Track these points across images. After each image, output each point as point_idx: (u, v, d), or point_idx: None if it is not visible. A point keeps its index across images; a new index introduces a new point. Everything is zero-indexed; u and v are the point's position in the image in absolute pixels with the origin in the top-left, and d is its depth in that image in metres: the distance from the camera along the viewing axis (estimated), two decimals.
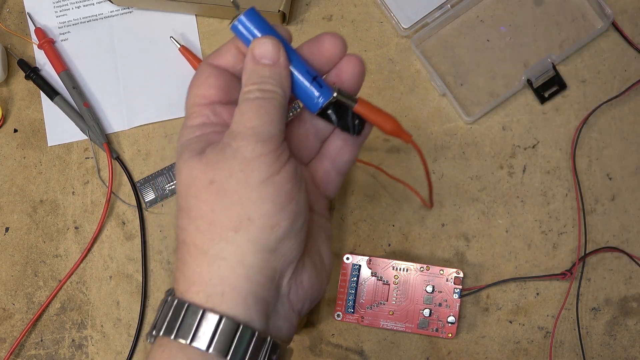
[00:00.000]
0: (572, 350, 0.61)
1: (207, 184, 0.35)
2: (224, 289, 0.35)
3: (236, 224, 0.35)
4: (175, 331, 0.35)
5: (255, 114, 0.36)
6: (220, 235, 0.35)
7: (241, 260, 0.35)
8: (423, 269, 0.61)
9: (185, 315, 0.35)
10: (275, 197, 0.35)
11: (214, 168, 0.36)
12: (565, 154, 0.63)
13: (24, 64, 0.67)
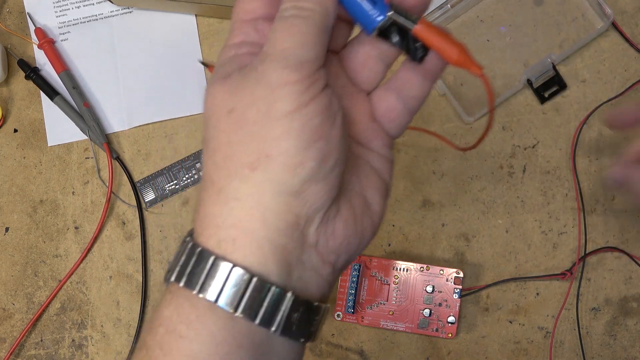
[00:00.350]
0: (572, 350, 0.61)
1: (227, 113, 0.31)
2: (236, 233, 0.31)
3: (254, 161, 0.31)
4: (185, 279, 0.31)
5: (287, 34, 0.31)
6: (235, 171, 0.31)
7: (258, 202, 0.31)
8: (423, 269, 0.61)
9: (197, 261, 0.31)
10: (301, 132, 0.30)
11: (235, 94, 0.31)
12: (565, 154, 0.63)
13: (24, 64, 0.67)
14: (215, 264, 0.31)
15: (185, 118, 0.66)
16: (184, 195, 0.65)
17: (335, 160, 0.31)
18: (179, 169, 0.66)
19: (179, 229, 0.65)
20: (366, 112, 0.36)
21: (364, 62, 0.36)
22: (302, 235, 0.32)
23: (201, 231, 0.32)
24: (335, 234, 0.33)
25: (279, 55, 0.31)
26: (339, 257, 0.33)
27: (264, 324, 0.31)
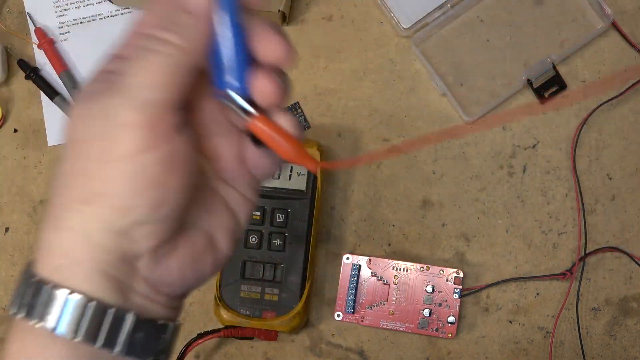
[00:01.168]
0: (572, 350, 0.61)
1: (71, 141, 0.30)
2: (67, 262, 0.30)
3: (87, 197, 0.30)
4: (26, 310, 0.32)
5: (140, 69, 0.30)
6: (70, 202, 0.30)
7: (87, 236, 0.30)
8: (423, 269, 0.61)
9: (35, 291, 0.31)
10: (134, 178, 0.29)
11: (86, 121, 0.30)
12: (565, 154, 0.63)
13: (24, 64, 0.67)
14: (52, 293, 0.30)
15: None
16: None
17: (169, 208, 0.30)
18: None
19: None
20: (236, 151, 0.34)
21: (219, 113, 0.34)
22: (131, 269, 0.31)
23: (39, 258, 0.32)
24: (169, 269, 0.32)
25: (127, 92, 0.29)
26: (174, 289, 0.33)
27: (106, 346, 0.30)
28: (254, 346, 0.62)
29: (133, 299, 0.31)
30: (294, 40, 0.66)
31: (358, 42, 0.66)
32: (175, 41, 0.30)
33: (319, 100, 0.65)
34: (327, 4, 0.67)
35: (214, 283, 0.63)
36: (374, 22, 0.66)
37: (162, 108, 0.29)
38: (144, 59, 0.30)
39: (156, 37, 0.31)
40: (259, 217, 0.60)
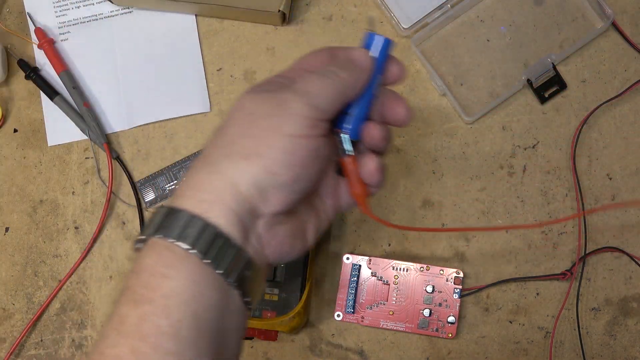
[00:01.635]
0: (572, 350, 0.61)
1: (248, 114, 0.40)
2: (214, 198, 0.38)
3: (247, 154, 0.38)
4: (165, 231, 0.37)
5: (318, 83, 0.40)
6: (230, 154, 0.39)
7: (235, 183, 0.38)
8: (423, 269, 0.61)
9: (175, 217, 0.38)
10: (291, 153, 0.39)
11: (260, 104, 0.40)
12: (565, 154, 0.63)
13: (24, 64, 0.67)
14: (192, 219, 0.37)
15: (185, 118, 0.66)
16: None
17: (301, 187, 0.40)
18: (179, 169, 0.66)
19: None
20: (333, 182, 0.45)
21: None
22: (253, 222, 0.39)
23: (182, 192, 0.39)
24: (275, 237, 0.40)
25: (304, 93, 0.40)
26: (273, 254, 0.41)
27: (224, 274, 0.37)
28: (254, 346, 0.62)
29: (247, 246, 0.39)
30: (294, 40, 0.66)
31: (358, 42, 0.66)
32: (345, 77, 0.42)
33: None
34: (327, 4, 0.67)
35: None
36: (374, 22, 0.66)
37: (321, 114, 0.40)
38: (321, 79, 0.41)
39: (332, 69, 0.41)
40: None
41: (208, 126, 0.66)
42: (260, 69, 0.66)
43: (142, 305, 0.36)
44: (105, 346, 0.36)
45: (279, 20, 0.65)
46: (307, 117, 0.39)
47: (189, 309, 0.36)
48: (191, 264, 0.37)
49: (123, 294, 0.37)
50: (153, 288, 0.36)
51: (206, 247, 0.37)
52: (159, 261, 0.37)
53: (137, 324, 0.35)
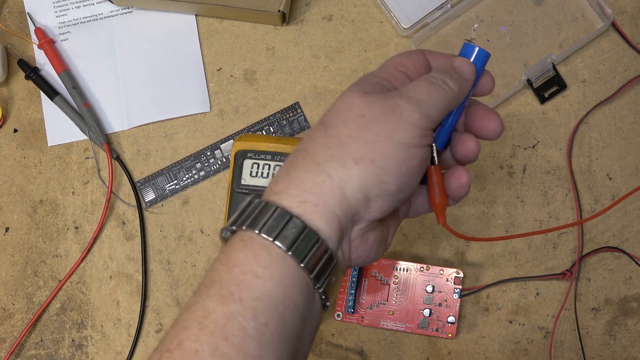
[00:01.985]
0: (572, 350, 0.61)
1: (358, 116, 0.39)
2: (318, 201, 0.37)
3: (358, 158, 0.38)
4: (261, 227, 0.37)
5: (429, 92, 0.40)
6: (340, 157, 0.38)
7: (342, 187, 0.38)
8: (423, 269, 0.61)
9: (274, 214, 0.37)
10: (402, 162, 0.38)
11: (371, 107, 0.39)
12: (565, 154, 0.63)
13: (24, 64, 0.67)
14: (292, 220, 0.37)
15: (185, 118, 0.66)
16: (184, 195, 0.65)
17: (403, 196, 0.40)
18: (179, 169, 0.66)
19: (179, 229, 0.65)
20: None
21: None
22: (350, 229, 0.39)
23: (284, 189, 0.38)
24: (367, 242, 0.40)
25: (418, 102, 0.39)
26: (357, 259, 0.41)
27: (314, 278, 0.37)
28: None
29: (338, 251, 0.39)
30: (294, 40, 0.66)
31: (358, 42, 0.66)
32: (453, 87, 0.41)
33: (319, 100, 0.65)
34: (327, 4, 0.67)
35: None
36: (374, 22, 0.66)
37: (432, 123, 0.40)
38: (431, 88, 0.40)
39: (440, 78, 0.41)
40: None
41: (208, 126, 0.66)
42: (260, 69, 0.66)
43: (230, 303, 0.35)
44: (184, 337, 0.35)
45: (279, 20, 0.65)
46: (420, 126, 0.39)
47: (276, 312, 0.36)
48: (285, 267, 0.36)
49: (209, 285, 0.37)
50: (244, 287, 0.36)
51: (304, 252, 0.37)
52: (254, 259, 0.36)
53: (222, 323, 0.35)
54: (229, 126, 0.66)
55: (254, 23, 0.67)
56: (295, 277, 0.37)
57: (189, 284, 0.64)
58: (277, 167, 0.60)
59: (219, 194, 0.65)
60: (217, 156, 0.66)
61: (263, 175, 0.60)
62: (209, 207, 0.65)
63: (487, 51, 0.44)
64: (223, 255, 0.37)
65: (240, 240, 0.37)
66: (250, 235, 0.37)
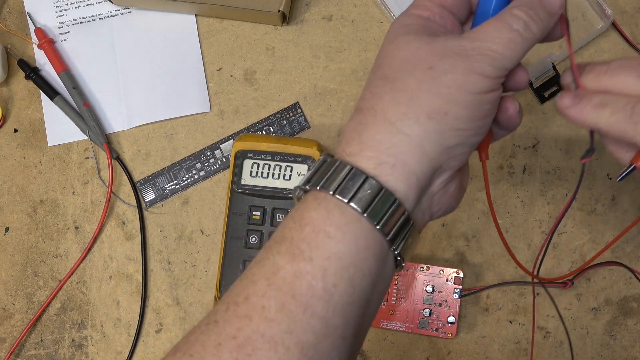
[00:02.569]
0: (572, 350, 0.61)
1: (426, 67, 0.37)
2: (396, 161, 0.36)
3: (433, 112, 0.37)
4: (335, 188, 0.36)
5: (505, 42, 0.37)
6: (414, 113, 0.37)
7: (420, 144, 0.37)
8: (423, 269, 0.61)
9: (349, 175, 0.36)
10: (476, 109, 0.37)
11: (439, 57, 0.37)
12: (565, 153, 0.63)
13: (24, 64, 0.67)
14: (367, 180, 0.36)
15: (185, 118, 0.66)
16: (184, 195, 0.65)
17: (480, 138, 0.39)
18: (179, 169, 0.66)
19: (179, 228, 0.65)
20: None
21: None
22: (432, 182, 0.38)
23: (359, 150, 0.37)
24: (448, 192, 0.40)
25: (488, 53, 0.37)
26: (439, 210, 0.40)
27: (390, 240, 0.36)
28: None
29: (417, 209, 0.38)
30: (294, 40, 0.66)
31: (358, 42, 0.66)
32: (536, 33, 0.38)
33: (319, 100, 0.65)
34: (327, 4, 0.67)
35: (214, 283, 0.63)
36: (374, 22, 0.66)
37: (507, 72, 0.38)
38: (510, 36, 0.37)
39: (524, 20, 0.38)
40: (259, 217, 0.60)
41: (208, 126, 0.66)
42: (260, 69, 0.66)
43: (299, 262, 0.35)
44: (252, 292, 0.35)
45: (279, 20, 0.65)
46: (495, 77, 0.37)
47: (346, 274, 0.35)
48: (359, 229, 0.36)
49: (280, 242, 0.36)
50: (315, 246, 0.35)
51: (380, 215, 0.36)
52: (327, 219, 0.36)
53: (291, 280, 0.34)
54: (229, 126, 0.66)
55: (254, 23, 0.67)
56: (369, 239, 0.36)
57: (189, 284, 0.64)
58: (277, 167, 0.60)
59: (219, 194, 0.65)
60: (217, 156, 0.66)
61: (263, 175, 0.60)
62: (209, 207, 0.65)
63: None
64: (296, 213, 0.37)
65: (314, 199, 0.37)
66: (324, 195, 0.37)
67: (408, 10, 0.41)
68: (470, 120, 0.37)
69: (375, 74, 0.39)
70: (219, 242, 0.64)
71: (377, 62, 0.40)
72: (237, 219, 0.61)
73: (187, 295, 0.63)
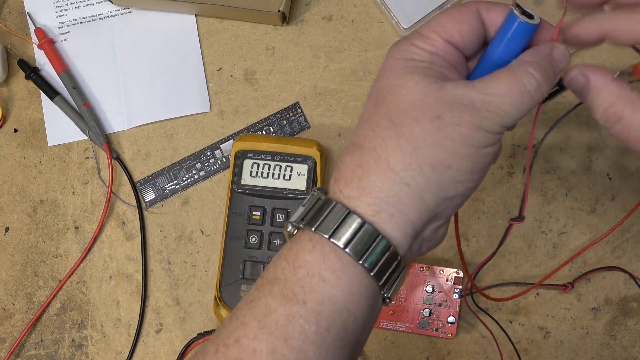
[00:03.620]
0: (572, 350, 0.61)
1: (433, 117, 0.37)
2: (395, 211, 0.36)
3: (436, 164, 0.37)
4: (332, 231, 0.36)
5: (516, 102, 0.37)
6: (418, 164, 0.37)
7: (421, 195, 0.37)
8: (423, 269, 0.61)
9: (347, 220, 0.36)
10: (477, 161, 0.38)
11: (448, 107, 0.37)
12: (565, 153, 0.63)
13: (24, 64, 0.67)
14: (365, 227, 0.36)
15: (185, 118, 0.66)
16: (184, 195, 0.65)
17: (476, 187, 0.40)
18: (179, 169, 0.66)
19: (179, 229, 0.65)
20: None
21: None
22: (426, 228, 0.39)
23: (357, 195, 0.37)
24: (437, 235, 0.40)
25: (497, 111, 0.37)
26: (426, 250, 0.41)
27: (381, 287, 0.37)
28: None
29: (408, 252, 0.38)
30: (294, 40, 0.66)
31: (358, 42, 0.66)
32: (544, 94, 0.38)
33: (319, 100, 0.65)
34: (327, 4, 0.67)
35: (214, 283, 0.63)
36: (374, 22, 0.66)
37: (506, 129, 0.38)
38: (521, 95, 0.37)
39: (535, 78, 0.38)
40: (259, 217, 0.60)
41: (208, 126, 0.66)
42: (260, 69, 0.66)
43: (293, 305, 0.34)
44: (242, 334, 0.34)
45: (279, 20, 0.65)
46: (498, 133, 0.38)
47: (339, 318, 0.35)
48: (354, 274, 0.36)
49: (273, 282, 0.36)
50: (309, 290, 0.35)
51: (375, 261, 0.36)
52: (323, 263, 0.36)
53: (283, 323, 0.34)
54: (229, 126, 0.66)
55: (254, 23, 0.67)
56: (363, 284, 0.36)
57: (189, 284, 0.64)
58: (277, 166, 0.60)
59: (219, 194, 0.65)
60: (217, 156, 0.66)
61: (263, 175, 0.60)
62: (209, 207, 0.65)
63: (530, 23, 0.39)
64: (290, 253, 0.36)
65: (309, 240, 0.37)
66: (319, 237, 0.36)
67: (412, 40, 0.39)
68: (470, 172, 0.38)
69: (378, 110, 0.38)
70: (219, 242, 0.64)
71: (380, 95, 0.39)
72: (237, 219, 0.61)
73: (187, 295, 0.63)
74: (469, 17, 0.39)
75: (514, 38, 0.39)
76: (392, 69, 0.39)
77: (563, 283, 0.61)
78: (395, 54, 0.39)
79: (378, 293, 0.37)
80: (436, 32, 0.39)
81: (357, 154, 0.38)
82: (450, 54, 0.39)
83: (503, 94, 0.37)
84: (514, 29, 0.39)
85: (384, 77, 0.39)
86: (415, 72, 0.38)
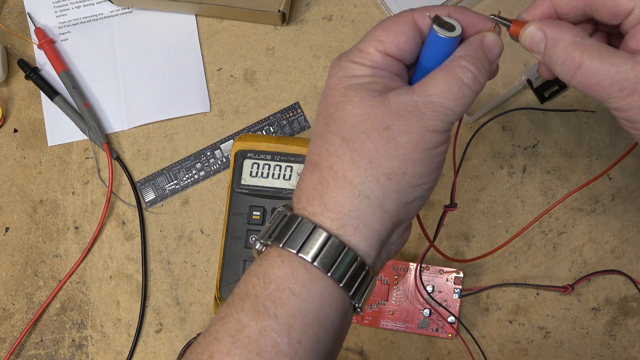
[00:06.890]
0: (572, 350, 0.61)
1: (382, 128, 0.38)
2: (359, 223, 0.38)
3: (391, 174, 0.38)
4: (299, 246, 0.37)
5: (456, 96, 0.38)
6: (374, 175, 0.38)
7: (381, 205, 0.38)
8: (423, 269, 0.61)
9: (313, 234, 0.37)
10: (430, 163, 0.39)
11: (394, 117, 0.38)
12: (565, 153, 0.63)
13: (24, 64, 0.67)
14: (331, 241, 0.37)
15: (185, 118, 0.66)
16: (184, 195, 0.65)
17: (433, 187, 0.40)
18: (179, 169, 0.66)
19: (179, 229, 0.65)
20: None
21: None
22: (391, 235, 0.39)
23: (320, 211, 0.38)
24: (403, 238, 0.41)
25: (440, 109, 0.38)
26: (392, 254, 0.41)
27: (352, 297, 0.38)
28: None
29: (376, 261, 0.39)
30: (294, 40, 0.66)
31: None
32: (482, 83, 0.39)
33: (318, 100, 0.65)
34: (327, 4, 0.67)
35: (214, 283, 0.63)
36: (374, 22, 0.66)
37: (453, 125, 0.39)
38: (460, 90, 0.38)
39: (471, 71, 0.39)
40: (259, 217, 0.60)
41: (208, 126, 0.66)
42: (260, 69, 0.66)
43: (264, 319, 0.35)
44: (216, 349, 0.35)
45: (279, 20, 0.65)
46: (446, 131, 0.39)
47: (311, 330, 0.36)
48: (323, 286, 0.37)
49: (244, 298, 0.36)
50: (280, 304, 0.36)
51: (343, 272, 0.37)
52: (292, 277, 0.37)
53: (256, 337, 0.35)
54: (229, 126, 0.66)
55: (254, 23, 0.67)
56: (333, 295, 0.37)
57: (189, 284, 0.64)
58: (277, 166, 0.60)
59: (219, 194, 0.65)
60: (217, 156, 0.66)
61: (263, 175, 0.60)
62: (209, 207, 0.65)
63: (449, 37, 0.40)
64: (259, 269, 0.37)
65: (278, 256, 0.37)
66: (287, 253, 0.37)
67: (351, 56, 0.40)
68: (425, 174, 0.39)
69: (329, 128, 0.39)
70: (219, 242, 0.64)
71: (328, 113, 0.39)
72: (237, 219, 0.61)
73: (187, 295, 0.63)
74: (405, 29, 0.40)
75: (439, 50, 0.40)
76: (336, 87, 0.40)
77: (563, 285, 0.61)
78: (337, 71, 0.40)
79: (349, 303, 0.38)
80: (374, 46, 0.40)
81: (315, 172, 0.39)
82: (391, 65, 0.40)
83: (443, 92, 0.38)
84: (436, 43, 0.40)
85: (329, 95, 0.40)
86: (359, 88, 0.39)
